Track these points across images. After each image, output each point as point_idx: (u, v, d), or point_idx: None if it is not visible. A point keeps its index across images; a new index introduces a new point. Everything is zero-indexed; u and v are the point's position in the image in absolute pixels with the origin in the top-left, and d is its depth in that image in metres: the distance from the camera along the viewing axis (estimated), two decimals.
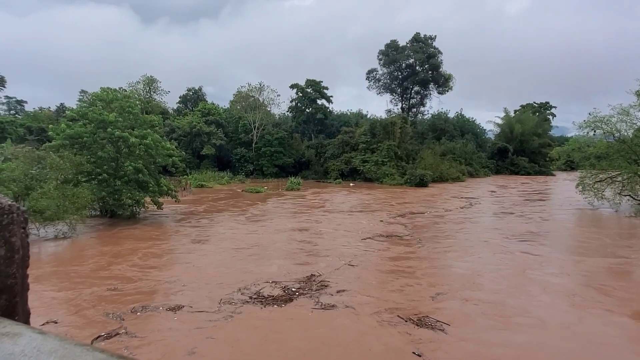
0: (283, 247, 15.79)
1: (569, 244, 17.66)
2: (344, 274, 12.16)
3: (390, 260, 14.06)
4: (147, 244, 16.31)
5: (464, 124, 72.36)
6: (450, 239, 17.81)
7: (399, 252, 15.18)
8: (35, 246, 16.62)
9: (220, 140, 49.62)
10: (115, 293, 10.51)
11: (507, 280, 11.87)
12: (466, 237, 18.12)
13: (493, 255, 14.79)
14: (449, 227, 20.67)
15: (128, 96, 24.69)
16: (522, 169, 65.51)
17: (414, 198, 32.98)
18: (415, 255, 14.78)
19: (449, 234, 18.98)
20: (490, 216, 24.64)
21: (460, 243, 16.90)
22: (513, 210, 26.73)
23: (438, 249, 15.90)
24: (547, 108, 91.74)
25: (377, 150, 48.73)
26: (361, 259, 14.08)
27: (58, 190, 18.13)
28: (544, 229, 20.45)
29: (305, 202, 30.34)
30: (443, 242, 16.98)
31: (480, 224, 21.86)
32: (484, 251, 15.48)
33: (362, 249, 15.51)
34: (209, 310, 9.31)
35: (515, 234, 18.69)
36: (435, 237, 17.97)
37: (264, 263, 13.42)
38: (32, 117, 59.35)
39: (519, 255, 14.93)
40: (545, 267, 13.28)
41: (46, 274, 12.36)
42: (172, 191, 23.84)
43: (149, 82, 57.72)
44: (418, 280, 11.83)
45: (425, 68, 61.24)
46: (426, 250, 15.47)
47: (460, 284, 11.40)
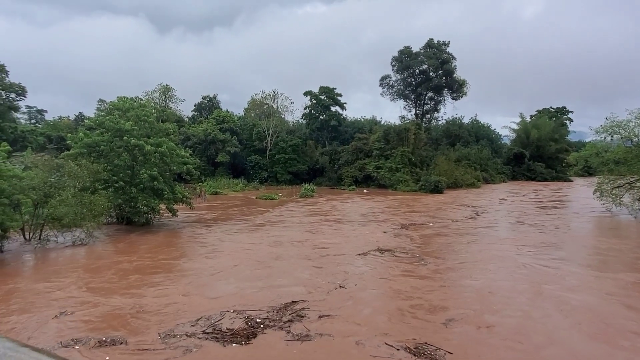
0: (276, 264, 14.55)
1: (588, 257, 16.54)
2: (332, 298, 10.88)
3: (388, 279, 12.85)
4: (147, 255, 16.08)
5: (478, 129, 71.77)
6: (458, 253, 16.69)
7: (400, 269, 14.01)
8: (53, 252, 16.95)
9: (234, 147, 50.02)
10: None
11: (523, 300, 10.84)
12: (477, 250, 17.05)
13: (506, 271, 13.81)
14: (456, 239, 19.36)
15: (144, 105, 25.08)
16: (538, 174, 64.63)
17: (424, 206, 32.26)
18: (418, 273, 13.62)
19: (456, 247, 17.78)
20: (502, 226, 23.64)
21: (469, 257, 15.80)
22: (526, 219, 25.62)
23: (444, 265, 14.69)
24: (564, 113, 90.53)
25: (391, 156, 48.59)
26: (355, 279, 12.80)
27: (76, 197, 18.49)
28: (560, 239, 19.56)
29: (314, 209, 30.07)
30: (449, 257, 15.83)
31: (491, 235, 20.66)
32: (495, 266, 14.42)
33: (358, 266, 14.36)
34: (151, 349, 7.94)
35: (529, 245, 17.77)
36: (441, 251, 16.89)
37: (245, 285, 12.09)
38: (51, 126, 60.69)
39: (535, 269, 14.00)
40: (565, 284, 12.34)
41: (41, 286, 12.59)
42: (186, 198, 24.10)
43: (165, 91, 58.55)
44: (420, 302, 10.75)
45: (439, 74, 61.00)
46: (430, 268, 14.22)
47: (469, 306, 10.34)
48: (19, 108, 54.85)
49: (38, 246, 17.47)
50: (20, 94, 51.59)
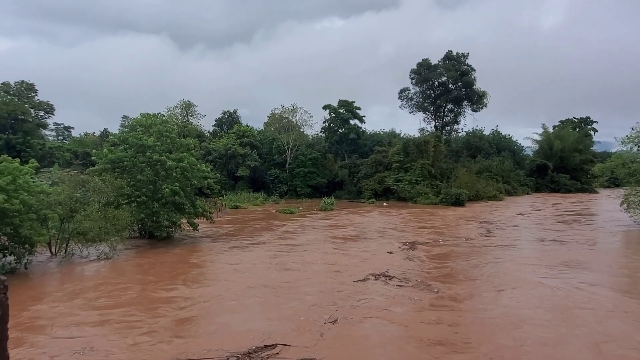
0: (266, 293, 13.36)
1: (618, 277, 15.58)
2: (322, 341, 9.49)
3: (388, 311, 11.44)
4: (156, 278, 15.50)
5: (500, 141, 70.84)
6: (474, 277, 15.32)
7: (403, 300, 12.43)
8: (78, 267, 17.33)
9: (254, 161, 50.49)
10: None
11: (554, 334, 9.82)
12: (494, 273, 15.90)
13: (530, 297, 12.68)
14: (472, 260, 17.96)
15: (166, 121, 25.63)
16: (562, 186, 63.23)
17: (442, 220, 31.06)
18: (426, 302, 12.24)
19: (473, 270, 16.37)
20: (523, 244, 22.29)
21: (486, 282, 14.63)
22: (548, 235, 24.37)
23: (457, 292, 13.25)
24: (588, 123, 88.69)
25: (410, 169, 48.29)
26: (349, 309, 11.53)
27: (100, 212, 18.94)
28: (586, 257, 18.52)
29: (330, 224, 29.65)
30: (464, 283, 14.43)
31: (510, 254, 19.31)
32: (517, 292, 13.23)
33: (354, 294, 13.01)
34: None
35: (553, 266, 16.69)
36: (455, 275, 15.55)
37: (229, 319, 11.08)
38: (78, 142, 62.29)
39: (561, 293, 13.01)
40: (598, 310, 11.43)
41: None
42: (207, 212, 24.38)
43: (187, 107, 59.69)
44: (428, 340, 9.46)
45: (458, 86, 60.67)
46: (442, 296, 12.81)
47: (496, 341, 9.33)
48: (47, 125, 56.65)
49: (64, 260, 17.88)
50: (48, 112, 53.32)
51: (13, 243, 15.95)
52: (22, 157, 29.83)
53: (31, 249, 16.49)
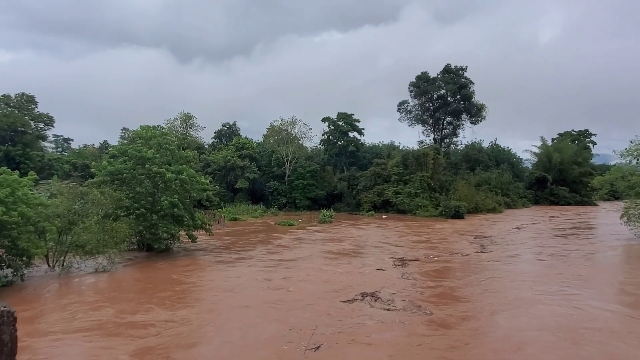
0: (248, 315, 12.45)
1: (620, 294, 15.15)
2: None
3: (375, 336, 10.70)
4: (141, 296, 14.69)
5: (499, 153, 71.05)
6: (469, 296, 14.37)
7: (392, 323, 11.49)
8: (76, 279, 17.21)
9: (253, 173, 50.51)
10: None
11: (560, 357, 9.37)
12: (492, 290, 15.21)
13: (531, 317, 12.12)
14: (468, 278, 17.12)
15: (165, 133, 25.67)
16: (562, 199, 63.27)
17: (439, 234, 30.55)
18: (417, 326, 11.40)
19: (468, 288, 15.51)
20: (521, 260, 21.55)
21: (483, 302, 13.78)
22: (547, 250, 23.79)
23: (452, 313, 12.44)
24: (587, 136, 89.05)
25: (409, 181, 48.32)
26: (334, 334, 10.74)
27: (99, 224, 18.85)
28: (586, 272, 18.10)
29: (326, 237, 29.21)
30: (458, 304, 13.45)
31: (507, 271, 18.58)
32: (517, 312, 12.59)
33: (342, 316, 12.12)
34: None
35: (552, 282, 16.16)
36: (449, 294, 14.65)
37: (198, 352, 10.09)
38: (77, 154, 62.38)
39: (564, 312, 12.43)
40: (603, 331, 11.03)
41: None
42: (206, 225, 24.30)
43: (186, 119, 59.91)
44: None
45: (457, 99, 61.00)
46: (435, 319, 11.85)
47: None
48: (47, 137, 56.71)
49: (62, 274, 17.76)
50: (48, 124, 53.44)
51: (10, 255, 15.86)
52: (22, 169, 29.91)
53: (28, 262, 16.39)
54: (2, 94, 50.19)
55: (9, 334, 1.11)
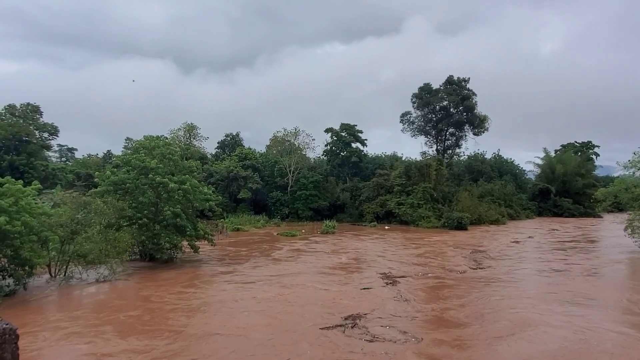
0: (223, 342, 11.30)
1: (630, 316, 14.10)
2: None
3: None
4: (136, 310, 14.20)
5: (502, 164, 70.95)
6: (468, 319, 13.06)
7: (376, 356, 10.22)
8: (77, 290, 17.19)
9: (256, 184, 50.54)
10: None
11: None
12: (493, 311, 14.19)
13: (540, 341, 11.30)
14: (464, 299, 15.68)
15: (169, 143, 25.83)
16: (565, 210, 62.98)
17: (437, 247, 29.35)
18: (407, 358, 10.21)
19: (466, 310, 14.23)
20: (523, 275, 20.54)
21: (484, 325, 12.67)
22: (551, 263, 23.10)
23: (446, 339, 11.34)
24: (590, 147, 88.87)
25: (412, 192, 48.24)
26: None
27: (101, 234, 18.88)
28: (591, 289, 17.43)
29: (326, 248, 28.77)
30: (455, 329, 12.25)
31: (509, 287, 17.63)
32: (524, 335, 11.68)
33: (317, 346, 10.87)
34: None
35: (556, 300, 15.37)
36: (445, 318, 13.36)
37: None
38: (81, 164, 62.64)
39: (572, 336, 11.58)
40: (619, 357, 10.35)
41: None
42: (208, 235, 24.29)
43: (189, 129, 60.11)
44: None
45: (459, 110, 61.15)
46: (426, 351, 10.59)
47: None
48: (51, 147, 57.00)
49: (63, 283, 17.74)
50: (52, 134, 53.75)
51: (13, 265, 15.86)
52: (26, 178, 30.03)
53: (30, 271, 16.38)
54: (7, 104, 50.63)
55: (11, 352, 1.11)
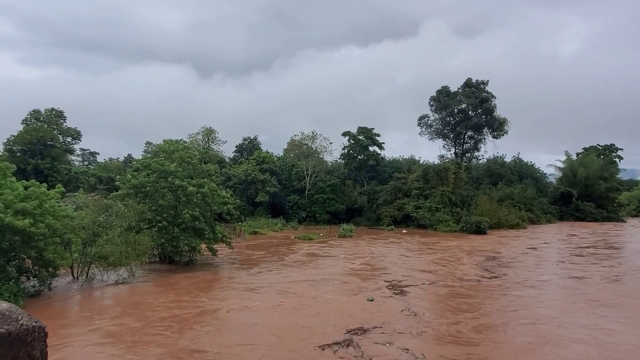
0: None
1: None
2: None
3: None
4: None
5: (522, 168, 69.81)
6: (480, 340, 11.80)
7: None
8: (97, 291, 17.53)
9: (274, 187, 50.80)
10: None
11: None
12: (510, 326, 13.03)
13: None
14: (477, 313, 14.50)
15: (188, 147, 26.17)
16: (588, 214, 61.58)
17: (451, 252, 28.59)
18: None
19: (476, 325, 13.02)
20: (547, 283, 19.50)
21: (503, 342, 11.83)
22: (573, 270, 22.23)
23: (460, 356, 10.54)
24: (613, 150, 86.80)
25: (430, 196, 47.85)
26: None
27: (122, 237, 19.22)
28: (617, 298, 16.44)
29: (340, 252, 28.52)
30: (466, 349, 11.21)
31: (527, 298, 16.51)
32: (546, 356, 10.73)
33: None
34: None
35: (581, 313, 14.44)
36: (453, 336, 12.16)
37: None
38: (102, 168, 63.89)
39: (606, 355, 10.79)
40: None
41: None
42: (226, 238, 24.50)
43: (208, 133, 60.81)
44: None
45: (478, 113, 60.52)
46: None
47: None
48: (74, 151, 58.31)
49: (85, 284, 18.12)
50: (75, 138, 55.01)
51: (37, 266, 16.27)
52: (49, 181, 30.73)
53: (54, 272, 16.78)
54: (32, 109, 52.02)
55: (40, 349, 1.17)
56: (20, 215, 15.11)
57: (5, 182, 16.34)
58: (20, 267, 16.24)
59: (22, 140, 46.86)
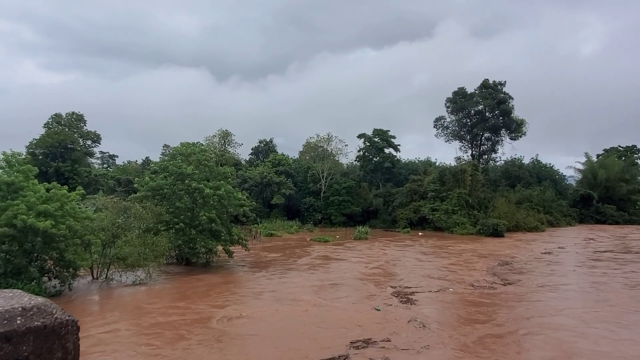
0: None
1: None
2: None
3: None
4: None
5: (540, 170, 68.81)
6: (495, 356, 10.99)
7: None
8: (117, 290, 17.82)
9: (289, 189, 50.98)
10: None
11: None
12: (531, 339, 12.24)
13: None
14: (491, 324, 13.53)
15: (204, 150, 26.44)
16: (609, 217, 60.34)
17: (464, 256, 28.10)
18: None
19: (492, 339, 12.07)
20: (568, 290, 18.64)
21: (519, 354, 11.18)
22: (597, 276, 21.32)
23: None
24: (635, 152, 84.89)
25: (446, 198, 47.46)
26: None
27: (140, 238, 19.52)
28: (637, 305, 15.87)
29: (354, 255, 28.21)
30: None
31: (547, 307, 15.60)
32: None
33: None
34: None
35: (603, 320, 13.77)
36: (465, 354, 11.16)
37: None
38: (121, 170, 64.97)
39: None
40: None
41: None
42: (242, 240, 24.66)
43: (224, 136, 61.34)
44: None
45: (495, 114, 59.82)
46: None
47: None
48: (94, 154, 59.45)
49: (104, 285, 18.43)
50: (95, 141, 56.11)
51: (58, 267, 16.62)
52: (70, 184, 31.40)
53: (74, 273, 17.11)
54: (54, 113, 53.23)
55: (73, 342, 1.23)
56: (42, 216, 15.48)
57: (28, 184, 16.75)
58: (42, 267, 16.61)
59: (44, 144, 47.92)
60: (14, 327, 1.18)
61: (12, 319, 1.19)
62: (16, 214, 14.89)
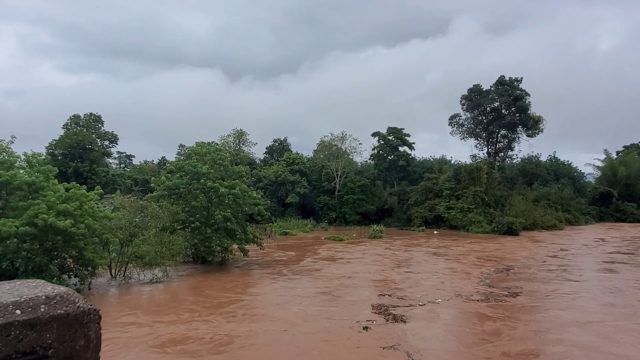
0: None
1: None
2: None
3: None
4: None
5: (558, 167, 67.74)
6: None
7: None
8: (135, 288, 18.10)
9: (304, 188, 51.08)
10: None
11: None
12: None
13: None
14: (495, 343, 11.66)
15: (219, 149, 26.66)
16: (629, 215, 59.15)
17: (472, 256, 26.85)
18: None
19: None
20: (580, 295, 17.07)
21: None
22: (606, 282, 19.82)
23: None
24: None
25: (462, 196, 47.05)
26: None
27: (157, 237, 19.77)
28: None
29: (362, 258, 27.07)
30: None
31: (563, 320, 13.73)
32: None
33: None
34: None
35: (624, 331, 12.55)
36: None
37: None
38: (138, 170, 65.79)
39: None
40: None
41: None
42: (257, 239, 24.80)
43: (239, 135, 61.70)
44: None
45: (511, 111, 59.08)
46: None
47: None
48: (111, 154, 60.38)
49: (122, 283, 18.74)
50: (112, 141, 56.96)
51: (77, 265, 16.94)
52: (88, 184, 31.95)
53: (93, 271, 17.42)
54: (72, 115, 54.16)
55: (95, 331, 1.27)
56: (62, 216, 15.79)
57: (48, 184, 17.10)
58: (62, 265, 16.95)
59: (63, 144, 48.82)
60: (37, 314, 1.22)
61: (36, 307, 1.24)
62: (37, 213, 15.22)
